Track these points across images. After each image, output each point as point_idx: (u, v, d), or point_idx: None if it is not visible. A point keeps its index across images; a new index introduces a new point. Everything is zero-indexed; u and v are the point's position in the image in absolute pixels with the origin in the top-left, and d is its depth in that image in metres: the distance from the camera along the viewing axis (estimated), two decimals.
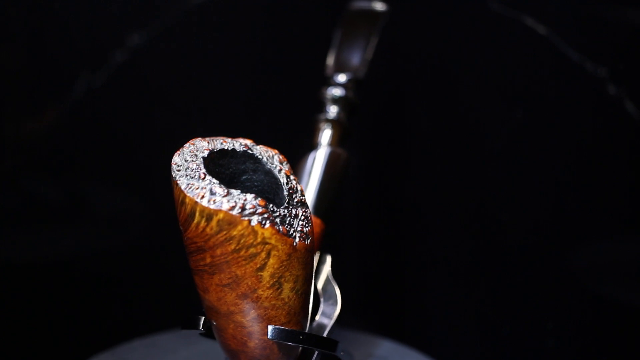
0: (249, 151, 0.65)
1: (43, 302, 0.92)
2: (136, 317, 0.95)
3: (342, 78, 0.83)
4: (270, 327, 0.62)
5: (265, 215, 0.59)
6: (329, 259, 0.75)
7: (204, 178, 0.60)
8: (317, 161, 0.78)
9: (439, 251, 0.93)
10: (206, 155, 0.63)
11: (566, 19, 0.78)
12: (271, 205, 0.60)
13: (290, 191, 0.64)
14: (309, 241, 0.62)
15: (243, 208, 0.58)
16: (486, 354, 0.89)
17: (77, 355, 0.81)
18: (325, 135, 0.81)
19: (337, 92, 0.83)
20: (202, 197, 0.58)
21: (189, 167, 0.61)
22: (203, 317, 0.64)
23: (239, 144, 0.66)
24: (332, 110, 0.82)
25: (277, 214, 0.60)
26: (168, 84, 0.93)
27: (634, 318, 0.80)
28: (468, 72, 0.87)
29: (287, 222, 0.61)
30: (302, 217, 0.62)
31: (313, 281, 0.65)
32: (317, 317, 0.72)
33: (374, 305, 0.99)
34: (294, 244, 0.60)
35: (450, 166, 0.90)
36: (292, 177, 0.65)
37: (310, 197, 0.75)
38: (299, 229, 0.61)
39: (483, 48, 0.85)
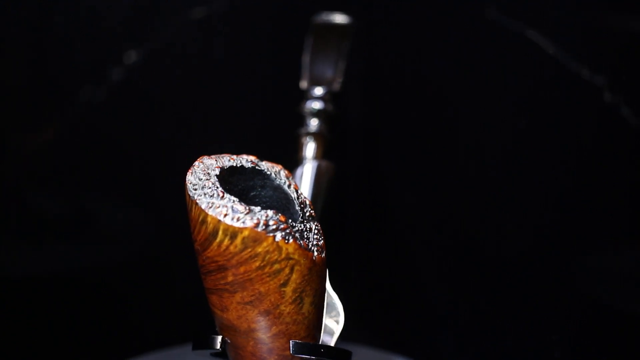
0: (257, 167, 0.65)
1: (45, 317, 0.90)
2: (139, 332, 0.93)
3: (318, 91, 0.84)
4: (292, 343, 0.62)
5: (288, 231, 0.59)
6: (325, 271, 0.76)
7: (223, 196, 0.59)
8: (305, 175, 0.79)
9: (438, 264, 0.94)
10: (218, 173, 0.62)
11: (564, 27, 0.79)
12: (290, 220, 0.61)
13: (302, 205, 0.64)
14: (324, 254, 0.62)
15: (267, 224, 0.58)
16: None
17: None
18: (310, 148, 0.82)
19: (316, 105, 0.83)
20: (225, 215, 0.58)
21: (205, 185, 0.60)
22: (220, 336, 0.64)
23: (246, 160, 0.65)
24: (313, 124, 0.83)
25: (296, 228, 0.61)
26: (169, 98, 0.92)
27: None
28: (464, 81, 0.89)
29: (305, 236, 0.61)
30: (316, 231, 0.63)
31: None
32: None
33: (373, 317, 0.99)
34: (313, 257, 0.61)
35: (451, 177, 0.91)
36: (299, 191, 0.66)
37: None
38: (314, 242, 0.62)
39: (479, 57, 0.87)
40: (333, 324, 0.73)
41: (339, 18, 0.91)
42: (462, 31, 0.88)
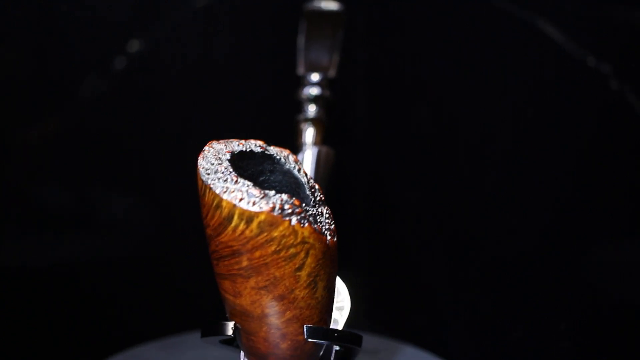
0: (266, 152, 0.65)
1: (48, 308, 0.89)
2: (142, 323, 0.93)
3: (315, 77, 0.84)
4: (306, 327, 0.61)
5: (303, 215, 0.59)
6: None
7: (237, 181, 0.59)
8: (306, 161, 0.79)
9: (447, 252, 0.94)
10: (229, 158, 0.62)
11: (569, 15, 0.80)
12: (303, 204, 0.60)
13: (312, 190, 0.64)
14: (335, 238, 0.62)
15: (282, 208, 0.58)
16: (498, 356, 0.89)
17: None
18: (309, 134, 0.81)
19: (313, 91, 0.83)
20: (241, 199, 0.57)
21: (217, 170, 0.60)
22: (232, 322, 0.63)
23: (255, 144, 0.65)
24: (311, 110, 0.83)
25: (310, 212, 0.60)
26: (171, 91, 0.91)
27: None
28: (469, 70, 0.89)
29: (318, 220, 0.61)
30: (327, 215, 0.63)
31: None
32: None
33: (380, 305, 0.99)
34: (327, 241, 0.61)
35: (458, 167, 0.91)
36: (309, 175, 0.66)
37: None
38: (326, 226, 0.62)
39: (483, 49, 0.87)
40: (339, 309, 0.73)
41: (331, 5, 0.91)
42: (466, 23, 0.88)
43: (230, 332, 0.63)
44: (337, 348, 0.67)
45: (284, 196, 0.58)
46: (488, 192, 0.89)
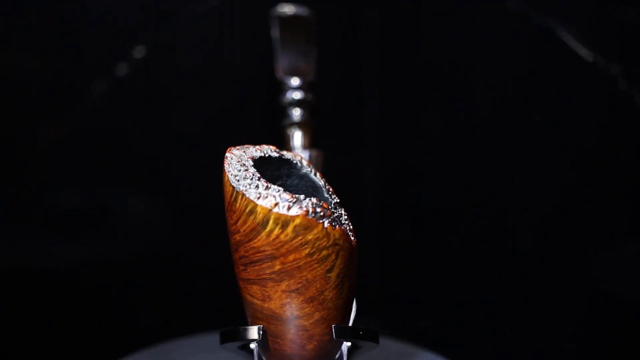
0: (283, 157, 0.66)
1: (61, 310, 0.86)
2: (156, 325, 0.91)
3: (295, 82, 0.85)
4: (334, 327, 0.63)
5: (332, 217, 0.60)
6: None
7: (268, 187, 0.60)
8: None
9: (453, 254, 0.94)
10: (253, 164, 0.62)
11: (577, 14, 0.81)
12: (329, 207, 0.62)
13: (330, 192, 0.65)
14: (355, 238, 0.64)
15: (315, 212, 0.59)
16: (499, 357, 0.90)
17: None
18: (297, 138, 0.82)
19: (296, 95, 0.84)
20: (276, 204, 0.58)
21: (245, 176, 0.60)
22: (257, 327, 0.64)
23: (271, 150, 0.66)
24: (296, 114, 0.83)
25: (335, 214, 0.62)
26: (180, 94, 0.89)
27: None
28: (478, 70, 0.89)
29: (342, 222, 0.62)
30: (345, 216, 0.64)
31: None
32: None
33: (387, 306, 1.00)
34: (352, 242, 0.62)
35: (467, 167, 0.91)
36: (323, 179, 0.67)
37: None
38: (348, 228, 0.63)
39: (490, 45, 0.87)
40: None
41: (300, 10, 0.91)
42: (477, 23, 0.89)
43: (256, 336, 0.63)
44: (349, 345, 0.68)
45: (314, 200, 0.60)
46: (492, 192, 0.90)
